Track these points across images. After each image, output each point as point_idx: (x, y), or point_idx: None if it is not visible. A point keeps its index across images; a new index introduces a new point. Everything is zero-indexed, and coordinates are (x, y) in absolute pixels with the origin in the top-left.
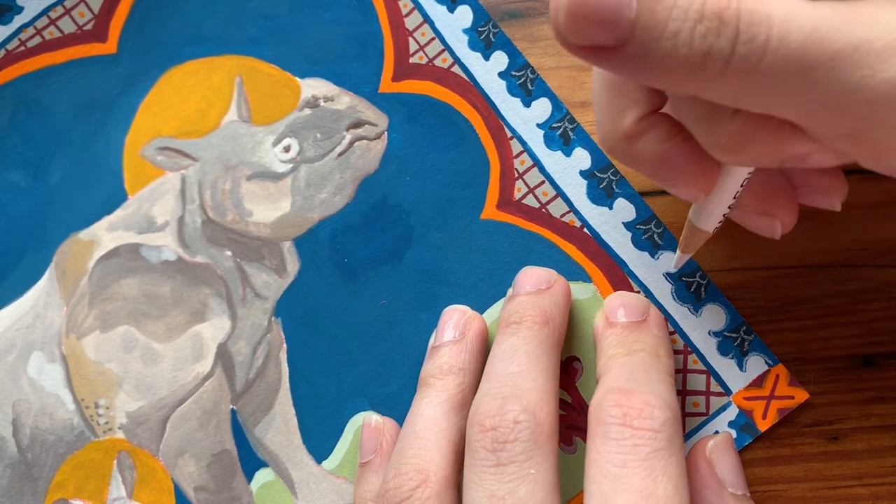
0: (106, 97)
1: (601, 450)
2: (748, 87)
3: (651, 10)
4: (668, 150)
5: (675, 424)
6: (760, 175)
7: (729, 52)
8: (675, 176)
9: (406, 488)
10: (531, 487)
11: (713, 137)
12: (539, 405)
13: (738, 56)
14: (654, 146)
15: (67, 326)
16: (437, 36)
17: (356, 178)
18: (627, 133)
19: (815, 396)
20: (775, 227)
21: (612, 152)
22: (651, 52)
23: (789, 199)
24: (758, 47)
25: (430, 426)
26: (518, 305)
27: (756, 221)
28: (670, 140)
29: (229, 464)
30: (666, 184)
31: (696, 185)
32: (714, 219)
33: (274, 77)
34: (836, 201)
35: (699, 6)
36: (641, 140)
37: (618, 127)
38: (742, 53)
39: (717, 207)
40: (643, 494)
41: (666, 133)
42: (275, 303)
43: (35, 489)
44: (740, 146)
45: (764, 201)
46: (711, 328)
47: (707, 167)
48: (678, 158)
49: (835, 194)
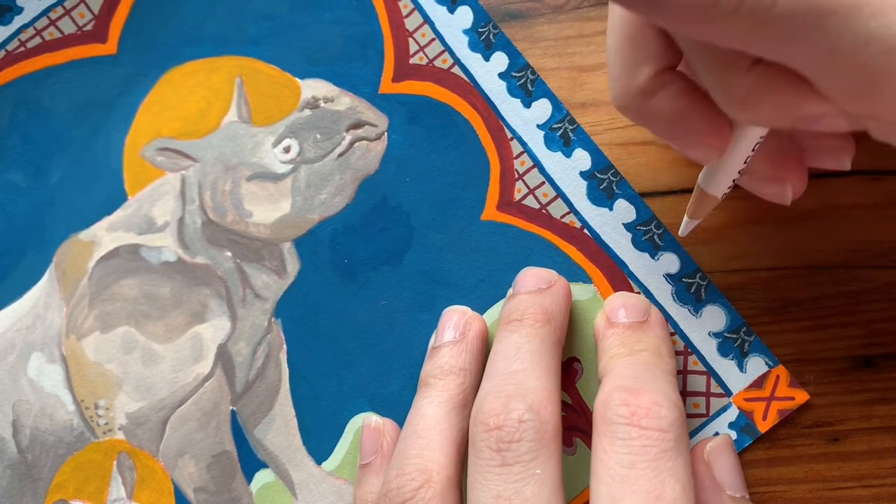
0: (106, 98)
1: (608, 449)
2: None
3: None
4: (683, 108)
5: (683, 424)
6: (770, 139)
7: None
8: (688, 134)
9: (409, 488)
10: (537, 487)
11: (728, 91)
12: (543, 404)
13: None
14: (669, 103)
15: (67, 327)
16: (438, 37)
17: (356, 178)
18: (642, 89)
19: (815, 397)
20: (786, 192)
21: (626, 110)
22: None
23: (799, 163)
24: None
25: (432, 426)
26: (519, 303)
27: (766, 187)
28: (685, 97)
29: (229, 465)
30: (679, 143)
31: (710, 145)
32: (724, 184)
33: (274, 78)
34: (845, 160)
35: None
36: (656, 96)
37: (632, 82)
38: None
39: (727, 171)
40: (651, 496)
41: (681, 90)
42: (275, 303)
43: (35, 490)
44: (755, 102)
45: (774, 166)
46: (712, 329)
47: (721, 126)
48: (692, 116)
49: (842, 154)
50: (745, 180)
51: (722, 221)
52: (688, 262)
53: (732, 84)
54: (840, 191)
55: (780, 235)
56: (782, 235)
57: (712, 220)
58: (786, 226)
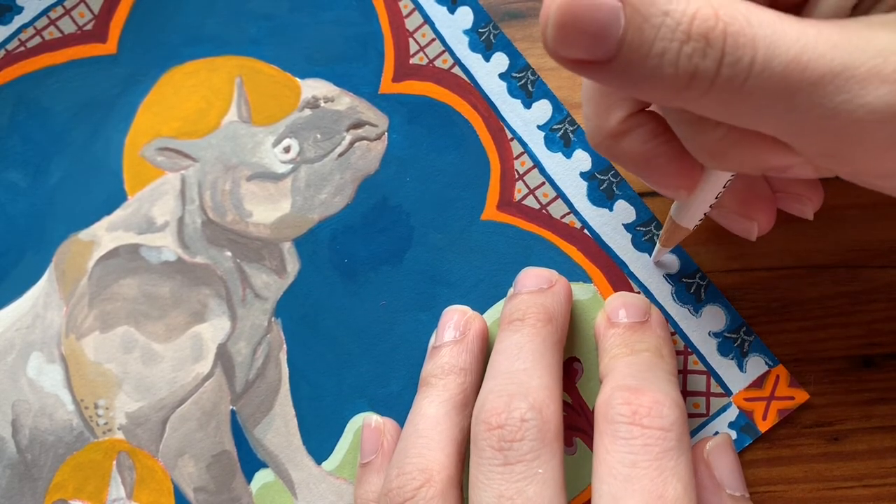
0: (106, 97)
1: (610, 449)
2: (731, 106)
3: (639, 28)
4: (653, 150)
5: (684, 424)
6: (742, 178)
7: (714, 73)
8: (658, 175)
9: (410, 487)
10: (539, 487)
11: (697, 142)
12: (545, 403)
13: (723, 77)
14: (639, 145)
15: (67, 327)
16: (438, 37)
17: (356, 178)
18: (613, 131)
19: (815, 397)
20: (753, 229)
21: (598, 149)
22: (637, 68)
23: (768, 203)
24: (742, 70)
25: (433, 425)
26: (521, 303)
27: (735, 222)
28: (655, 139)
29: (229, 464)
30: (650, 182)
31: (679, 185)
32: (695, 217)
33: (274, 77)
34: (809, 210)
35: (686, 27)
36: (627, 138)
37: (604, 124)
38: (726, 75)
39: (698, 207)
40: (653, 495)
41: (651, 132)
42: (275, 303)
43: (34, 490)
44: (723, 152)
45: (744, 204)
46: (711, 329)
47: (690, 167)
48: (662, 157)
49: (809, 203)
50: (716, 213)
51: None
52: (688, 262)
53: (701, 137)
54: (840, 191)
55: (780, 235)
56: (782, 235)
57: (712, 221)
58: (786, 226)
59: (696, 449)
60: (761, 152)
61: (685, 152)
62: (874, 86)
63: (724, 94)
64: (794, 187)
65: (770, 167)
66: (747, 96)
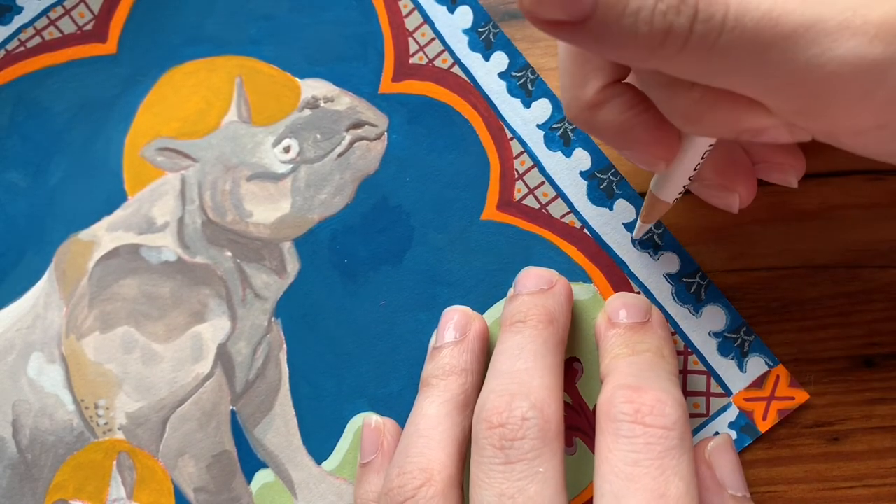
0: (106, 97)
1: (612, 447)
2: (705, 65)
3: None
4: (630, 119)
5: (686, 423)
6: (720, 149)
7: (688, 30)
8: (635, 145)
9: (410, 487)
10: (540, 486)
11: (672, 105)
12: (546, 402)
13: (697, 34)
14: (616, 115)
15: (67, 327)
16: (438, 36)
17: (356, 178)
18: (590, 102)
19: (815, 397)
20: (733, 200)
21: (576, 121)
22: (613, 28)
23: (748, 174)
24: (715, 26)
25: (434, 425)
26: (522, 304)
27: (715, 194)
28: (632, 109)
29: (229, 464)
30: (629, 153)
31: (657, 155)
32: (674, 190)
33: (274, 77)
34: (792, 178)
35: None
36: (604, 109)
37: (581, 95)
38: (700, 31)
39: (677, 179)
40: (655, 494)
41: (628, 102)
42: (275, 303)
43: (35, 490)
44: (699, 115)
45: (723, 175)
46: (712, 329)
47: (668, 137)
48: (639, 128)
49: (791, 171)
50: (696, 187)
51: (722, 221)
52: (688, 262)
53: (676, 100)
54: (840, 191)
55: (780, 235)
56: (782, 235)
57: (712, 220)
58: (786, 226)
59: (697, 449)
60: (736, 113)
61: (662, 122)
62: (844, 38)
63: (699, 52)
64: (774, 156)
65: (745, 129)
66: (721, 53)
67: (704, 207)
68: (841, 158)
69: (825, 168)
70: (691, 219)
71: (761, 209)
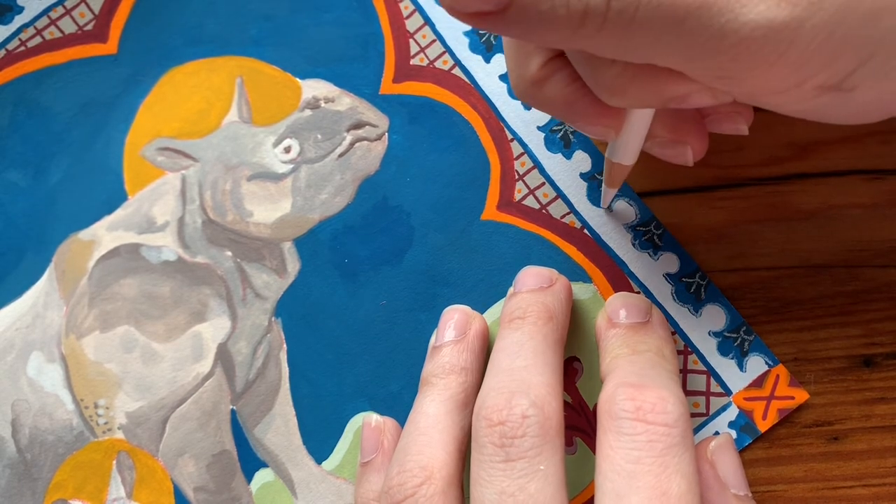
0: (106, 97)
1: (614, 445)
2: (626, 41)
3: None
4: (574, 92)
5: (688, 421)
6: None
7: (605, 8)
8: (584, 117)
9: (410, 485)
10: (541, 483)
11: (597, 80)
12: (546, 399)
13: (614, 11)
14: (561, 89)
15: (67, 326)
16: (438, 38)
17: (357, 178)
18: (534, 78)
19: (815, 397)
20: (687, 153)
21: (524, 97)
22: (532, 14)
23: (698, 126)
24: (631, 2)
25: (434, 424)
26: (521, 301)
27: (669, 150)
28: (575, 82)
29: (229, 464)
30: (577, 125)
31: (605, 124)
32: (630, 153)
33: (275, 78)
34: (743, 126)
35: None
36: (548, 84)
37: (525, 73)
38: (617, 8)
39: (630, 143)
40: (657, 492)
41: (570, 76)
42: (275, 303)
43: (34, 489)
44: (622, 88)
45: (674, 130)
46: (711, 328)
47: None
48: (584, 99)
49: (739, 118)
50: (648, 145)
51: (722, 221)
52: (687, 262)
53: (599, 75)
54: (840, 191)
55: (780, 235)
56: (782, 235)
57: (712, 220)
58: (786, 226)
59: (699, 448)
60: (658, 84)
61: None
62: (753, 3)
63: (618, 29)
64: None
65: (669, 97)
66: (640, 28)
67: (704, 207)
68: (841, 158)
69: (825, 168)
70: (691, 219)
71: (761, 209)
